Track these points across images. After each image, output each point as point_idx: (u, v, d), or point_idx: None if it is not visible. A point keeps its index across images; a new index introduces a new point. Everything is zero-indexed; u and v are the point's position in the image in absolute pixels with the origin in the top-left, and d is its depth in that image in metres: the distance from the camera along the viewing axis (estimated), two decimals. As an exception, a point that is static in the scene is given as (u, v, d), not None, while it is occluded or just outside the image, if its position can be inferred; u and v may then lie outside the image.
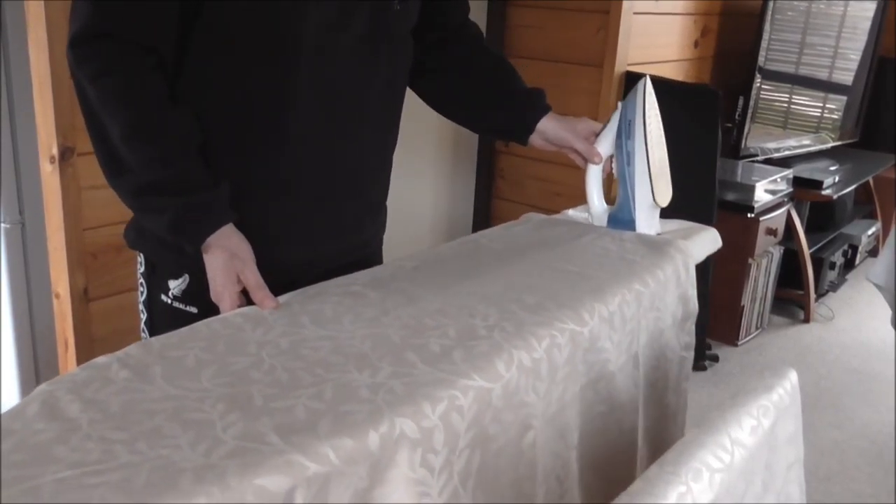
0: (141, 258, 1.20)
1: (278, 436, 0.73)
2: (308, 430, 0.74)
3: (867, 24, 3.88)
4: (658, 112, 1.28)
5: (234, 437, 0.73)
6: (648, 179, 1.27)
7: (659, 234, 1.33)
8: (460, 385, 0.85)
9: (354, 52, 1.12)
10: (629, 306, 1.12)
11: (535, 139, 1.33)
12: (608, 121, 1.31)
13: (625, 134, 1.27)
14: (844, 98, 3.95)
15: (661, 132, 1.29)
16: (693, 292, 1.26)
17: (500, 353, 0.92)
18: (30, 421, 0.74)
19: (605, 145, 1.31)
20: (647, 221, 1.31)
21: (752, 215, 3.09)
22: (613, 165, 1.32)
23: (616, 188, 1.34)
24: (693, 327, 1.27)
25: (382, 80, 1.17)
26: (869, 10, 3.85)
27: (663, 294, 1.20)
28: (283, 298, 1.03)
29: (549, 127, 1.32)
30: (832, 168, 3.72)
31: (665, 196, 1.30)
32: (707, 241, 1.36)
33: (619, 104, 1.29)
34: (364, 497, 0.75)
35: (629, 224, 1.32)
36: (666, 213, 1.36)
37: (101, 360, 0.85)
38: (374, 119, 1.19)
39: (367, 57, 1.14)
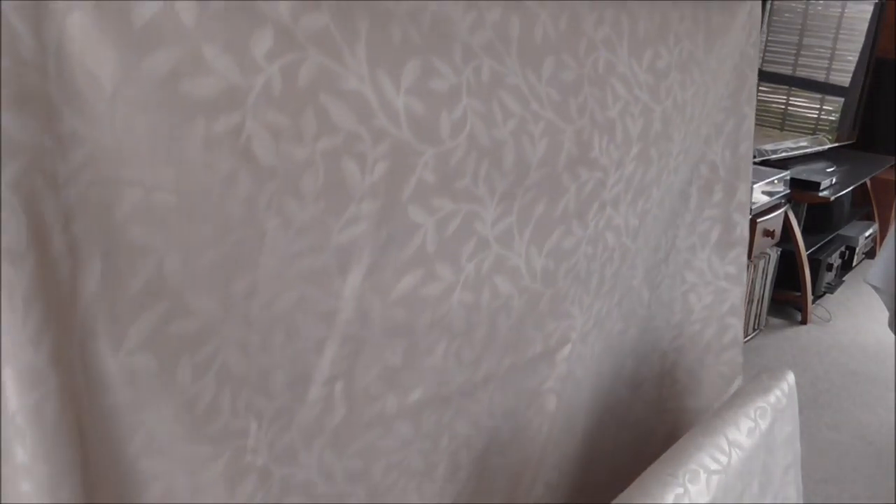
0: None
1: None
2: None
3: (864, 26, 3.88)
4: None
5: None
6: None
7: None
8: None
9: None
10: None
11: None
12: None
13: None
14: (842, 100, 3.95)
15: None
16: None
17: None
18: None
19: None
20: None
21: (750, 217, 3.09)
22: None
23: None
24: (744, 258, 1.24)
25: None
26: (866, 11, 3.85)
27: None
28: None
29: None
30: (829, 170, 3.72)
31: None
32: None
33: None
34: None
35: None
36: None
37: None
38: None
39: None
